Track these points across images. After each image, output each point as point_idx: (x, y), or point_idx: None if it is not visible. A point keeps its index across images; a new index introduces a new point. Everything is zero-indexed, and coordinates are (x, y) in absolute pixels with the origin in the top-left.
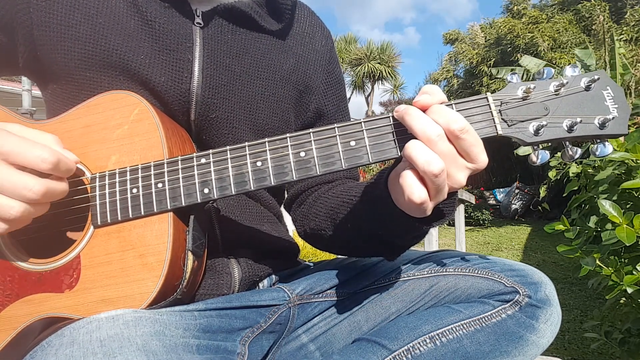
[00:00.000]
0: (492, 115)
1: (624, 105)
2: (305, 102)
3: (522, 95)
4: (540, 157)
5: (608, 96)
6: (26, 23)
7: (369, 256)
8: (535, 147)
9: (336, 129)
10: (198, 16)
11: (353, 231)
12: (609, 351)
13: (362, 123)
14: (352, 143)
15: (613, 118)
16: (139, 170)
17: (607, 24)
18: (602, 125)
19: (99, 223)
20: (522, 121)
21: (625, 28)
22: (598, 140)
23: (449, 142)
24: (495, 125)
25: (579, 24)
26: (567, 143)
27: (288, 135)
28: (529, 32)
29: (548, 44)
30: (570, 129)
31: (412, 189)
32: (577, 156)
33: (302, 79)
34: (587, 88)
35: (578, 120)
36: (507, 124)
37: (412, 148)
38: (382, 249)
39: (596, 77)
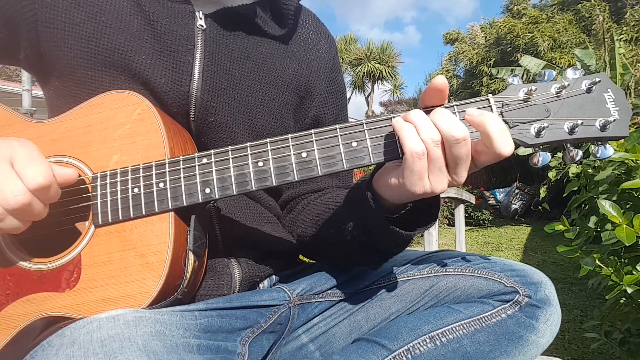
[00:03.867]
0: None
1: (625, 108)
2: (305, 108)
3: (523, 97)
4: (541, 158)
5: (609, 98)
6: (31, 19)
7: (353, 264)
8: (537, 149)
9: (338, 129)
10: (201, 18)
11: (336, 237)
12: (609, 351)
13: (364, 124)
14: (354, 144)
15: (614, 120)
16: (141, 169)
17: (607, 24)
18: (603, 128)
19: (100, 222)
20: (524, 123)
21: (625, 28)
22: (599, 143)
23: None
24: None
25: (579, 24)
26: (568, 145)
27: (290, 135)
28: (529, 32)
29: (548, 44)
30: (572, 131)
31: (414, 140)
32: (577, 158)
33: (303, 85)
34: (589, 90)
35: (579, 122)
36: (509, 126)
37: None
38: (365, 256)
39: (597, 79)
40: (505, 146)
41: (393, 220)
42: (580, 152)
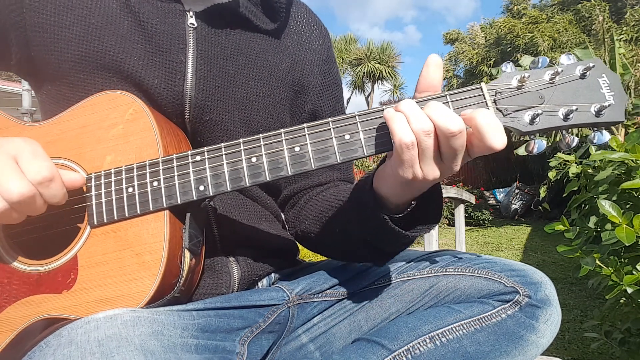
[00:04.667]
0: (487, 105)
1: (620, 93)
2: (301, 103)
3: (516, 85)
4: (537, 146)
5: (604, 84)
6: (20, 24)
7: (358, 261)
8: (532, 137)
9: (330, 123)
10: (191, 17)
11: (341, 236)
12: (609, 351)
13: (357, 116)
14: (347, 137)
15: (609, 105)
16: (134, 169)
17: (607, 24)
18: (599, 113)
19: (95, 223)
20: (518, 110)
21: (625, 28)
22: (595, 129)
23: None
24: None
25: (579, 24)
26: (564, 131)
27: (282, 130)
28: (529, 32)
29: (548, 44)
30: (566, 117)
31: (402, 131)
32: (573, 145)
33: (298, 79)
34: (583, 76)
35: (574, 108)
36: (503, 114)
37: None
38: (370, 254)
39: (591, 64)
40: (496, 140)
41: (396, 220)
42: (576, 139)
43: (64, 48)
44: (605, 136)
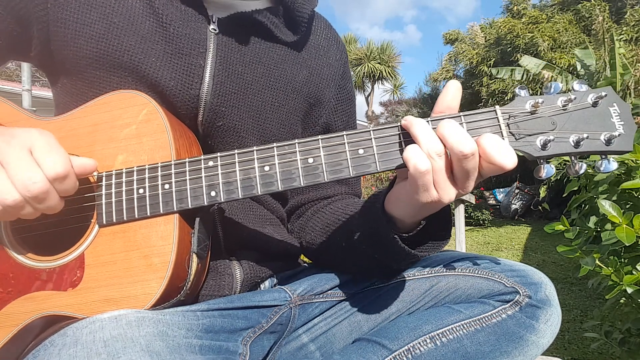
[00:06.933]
0: (501, 128)
1: (630, 123)
2: (315, 116)
3: (530, 110)
4: (546, 171)
5: (614, 113)
6: (43, 18)
7: (363, 275)
8: (542, 161)
9: (345, 136)
10: (214, 22)
11: (347, 250)
12: (609, 351)
13: (371, 132)
14: (361, 151)
15: (619, 135)
16: (146, 170)
17: (607, 24)
18: (608, 142)
19: (104, 222)
20: (530, 135)
21: (625, 28)
22: (603, 156)
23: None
24: (503, 139)
25: (579, 24)
26: (573, 158)
27: (296, 141)
28: (529, 32)
29: (548, 44)
30: (577, 144)
31: (418, 158)
32: (582, 172)
33: (313, 92)
34: (594, 104)
35: (585, 135)
36: (515, 138)
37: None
38: (376, 269)
39: (603, 93)
40: (506, 161)
41: (405, 239)
42: (585, 166)
43: (83, 45)
44: (613, 165)
